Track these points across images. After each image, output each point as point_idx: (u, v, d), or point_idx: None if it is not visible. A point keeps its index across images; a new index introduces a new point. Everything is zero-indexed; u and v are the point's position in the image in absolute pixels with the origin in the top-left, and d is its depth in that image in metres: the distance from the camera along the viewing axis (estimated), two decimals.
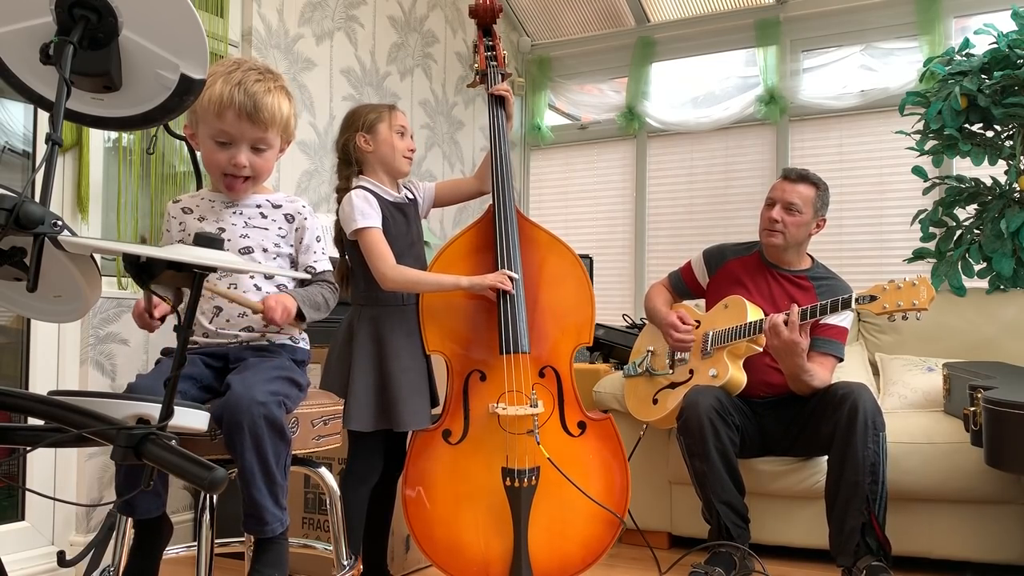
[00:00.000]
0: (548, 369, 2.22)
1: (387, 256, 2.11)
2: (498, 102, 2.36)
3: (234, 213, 1.74)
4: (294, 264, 1.79)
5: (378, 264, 2.10)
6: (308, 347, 1.84)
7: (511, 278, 2.17)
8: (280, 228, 1.76)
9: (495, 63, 2.42)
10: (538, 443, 2.09)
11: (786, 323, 2.38)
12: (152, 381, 1.55)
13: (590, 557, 2.17)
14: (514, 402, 2.14)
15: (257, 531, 1.51)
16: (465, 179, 2.43)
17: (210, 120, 1.65)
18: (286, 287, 1.76)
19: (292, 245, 1.78)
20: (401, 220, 2.20)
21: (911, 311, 2.26)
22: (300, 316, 1.68)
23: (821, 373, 2.51)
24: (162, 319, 1.62)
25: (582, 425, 2.21)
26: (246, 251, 1.72)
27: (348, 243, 2.18)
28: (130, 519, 1.59)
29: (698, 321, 2.71)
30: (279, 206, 1.78)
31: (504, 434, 2.13)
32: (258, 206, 1.76)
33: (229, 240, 1.71)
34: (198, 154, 1.77)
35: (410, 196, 2.28)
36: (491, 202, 2.28)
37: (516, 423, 2.13)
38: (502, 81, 2.40)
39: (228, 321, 1.70)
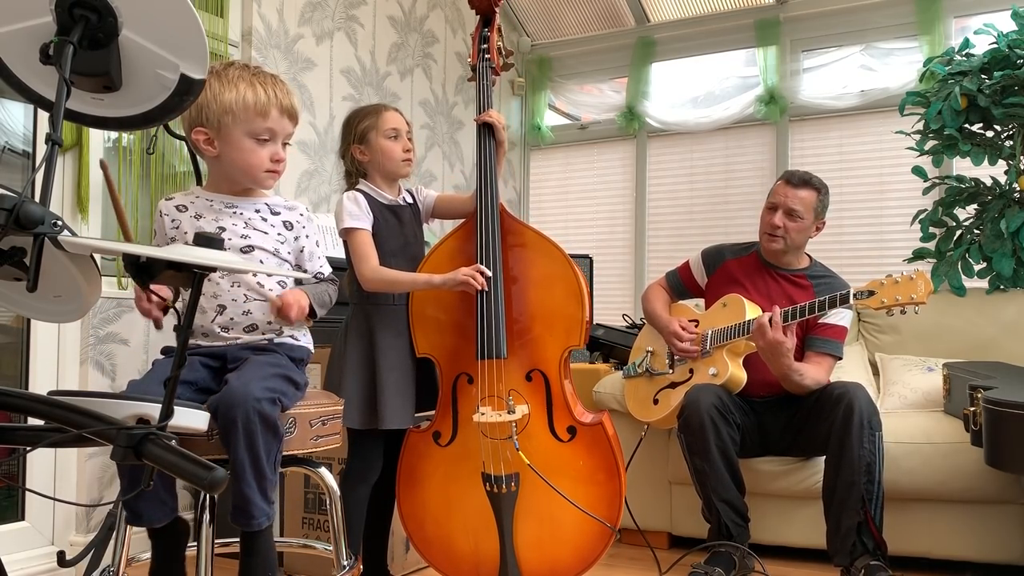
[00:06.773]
0: (536, 373, 2.16)
1: (369, 257, 2.11)
2: (486, 129, 2.24)
3: (234, 214, 1.75)
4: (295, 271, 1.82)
5: (359, 265, 2.12)
6: (311, 346, 1.85)
7: (484, 274, 2.09)
8: (279, 234, 1.78)
9: (488, 56, 2.31)
10: (517, 449, 2.05)
11: (771, 323, 2.38)
12: (147, 385, 1.56)
13: (582, 564, 2.11)
14: (496, 407, 2.11)
15: (244, 524, 1.54)
16: (461, 197, 2.35)
17: (252, 120, 1.70)
18: (284, 284, 1.78)
19: (291, 252, 1.81)
20: (393, 222, 2.20)
21: (909, 305, 2.26)
22: (311, 313, 1.76)
23: (814, 372, 2.50)
24: (164, 311, 1.64)
25: (572, 430, 2.13)
26: (247, 250, 1.73)
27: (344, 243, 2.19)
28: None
29: (697, 320, 2.71)
30: (278, 212, 1.80)
31: (485, 439, 2.10)
32: (257, 210, 1.78)
33: (230, 240, 1.71)
34: (198, 156, 1.78)
35: (408, 199, 2.28)
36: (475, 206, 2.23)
37: (495, 429, 2.09)
38: (495, 75, 2.33)
39: (232, 319, 1.71)
